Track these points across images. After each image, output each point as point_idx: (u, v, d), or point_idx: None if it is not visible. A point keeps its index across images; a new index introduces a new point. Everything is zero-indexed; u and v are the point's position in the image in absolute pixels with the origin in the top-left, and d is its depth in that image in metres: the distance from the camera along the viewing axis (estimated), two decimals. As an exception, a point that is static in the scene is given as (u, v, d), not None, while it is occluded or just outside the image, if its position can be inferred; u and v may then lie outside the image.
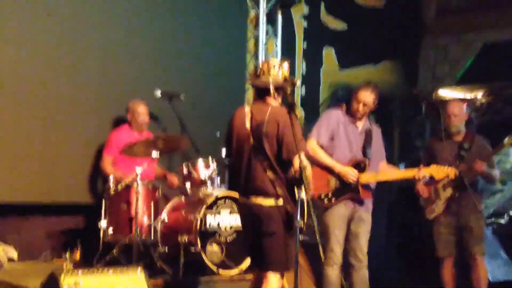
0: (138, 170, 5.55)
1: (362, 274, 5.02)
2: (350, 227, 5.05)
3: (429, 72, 9.84)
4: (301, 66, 8.76)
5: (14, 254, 5.91)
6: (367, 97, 5.01)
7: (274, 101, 4.21)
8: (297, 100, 8.60)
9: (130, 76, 6.66)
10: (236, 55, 7.89)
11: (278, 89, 4.14)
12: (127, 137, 6.00)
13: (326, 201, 5.00)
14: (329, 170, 5.03)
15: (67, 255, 5.76)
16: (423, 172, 5.11)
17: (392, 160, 6.40)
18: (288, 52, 8.18)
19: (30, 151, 6.00)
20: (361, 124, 5.15)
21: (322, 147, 5.06)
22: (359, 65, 9.25)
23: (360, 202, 5.06)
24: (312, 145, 5.03)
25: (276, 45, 8.27)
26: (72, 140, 6.27)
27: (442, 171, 5.13)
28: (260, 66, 4.28)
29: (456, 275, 5.61)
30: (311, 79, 8.88)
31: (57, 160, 6.18)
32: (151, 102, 6.30)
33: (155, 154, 5.59)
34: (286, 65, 4.18)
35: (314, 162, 4.97)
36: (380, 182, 5.17)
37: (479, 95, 8.56)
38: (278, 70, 4.14)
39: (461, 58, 9.57)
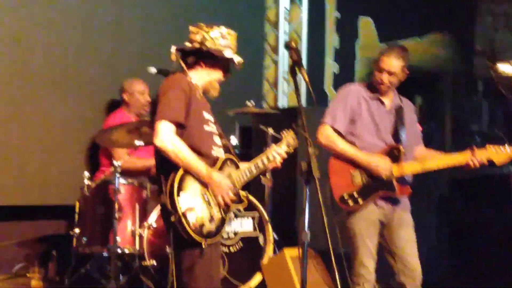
0: (116, 163, 4.47)
1: None
2: (388, 235, 4.14)
3: (486, 43, 8.80)
4: (332, 39, 7.96)
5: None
6: (393, 63, 4.05)
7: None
8: (329, 78, 7.82)
9: (122, 54, 5.73)
10: (253, 25, 6.90)
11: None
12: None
13: (350, 202, 4.05)
14: (352, 162, 4.07)
15: (34, 271, 4.87)
16: (478, 156, 4.05)
17: (443, 148, 6.00)
18: (316, 23, 7.55)
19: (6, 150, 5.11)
20: (388, 100, 4.20)
21: (340, 133, 4.12)
22: (402, 38, 8.13)
23: (396, 201, 4.11)
24: (327, 132, 4.10)
25: (302, 14, 7.39)
26: (51, 132, 5.34)
27: (503, 153, 4.07)
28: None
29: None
30: (345, 55, 8.03)
31: (31, 157, 5.24)
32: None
33: (138, 142, 4.54)
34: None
35: (332, 153, 4.10)
36: (422, 173, 4.16)
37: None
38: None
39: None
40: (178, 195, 3.06)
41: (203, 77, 3.36)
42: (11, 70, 5.11)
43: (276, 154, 3.51)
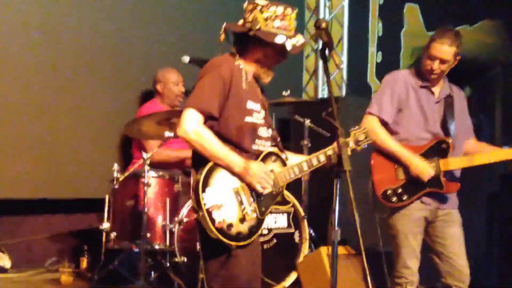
0: (145, 155, 4.28)
1: None
2: (434, 233, 3.88)
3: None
4: (376, 27, 7.61)
5: (6, 262, 4.86)
6: (445, 50, 3.74)
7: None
8: (372, 68, 7.47)
9: (153, 43, 5.53)
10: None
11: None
12: None
13: (394, 199, 3.81)
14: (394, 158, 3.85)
15: (65, 265, 4.71)
16: None
17: (493, 141, 5.77)
18: (359, 9, 7.17)
19: (30, 140, 4.94)
20: (438, 89, 3.92)
21: (386, 125, 3.87)
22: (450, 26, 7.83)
23: (443, 198, 3.85)
24: (372, 123, 3.82)
25: (343, 1, 7.07)
26: (83, 125, 5.19)
27: None
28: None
29: None
30: (390, 43, 7.64)
31: (63, 149, 5.10)
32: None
33: (168, 133, 4.33)
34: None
35: (375, 145, 3.84)
36: (471, 168, 3.89)
37: None
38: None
39: None
40: (203, 190, 2.79)
41: (253, 62, 3.00)
42: (43, 60, 4.97)
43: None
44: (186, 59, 5.00)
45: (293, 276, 4.45)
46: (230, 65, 2.94)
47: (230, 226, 2.80)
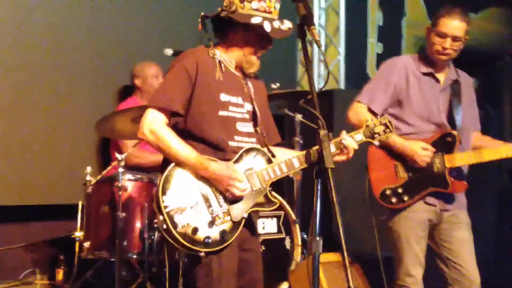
0: (119, 156, 3.95)
1: None
2: (439, 237, 3.56)
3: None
4: (375, 16, 7.38)
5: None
6: (457, 26, 3.42)
7: None
8: (372, 60, 7.22)
9: (134, 36, 5.17)
10: (285, 1, 6.11)
11: None
12: None
13: (394, 199, 3.48)
14: (395, 151, 3.49)
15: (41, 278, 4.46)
16: None
17: (501, 134, 5.86)
18: None
19: (2, 145, 4.60)
20: (443, 76, 3.59)
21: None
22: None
23: (449, 198, 3.53)
24: (360, 110, 3.53)
25: None
26: (58, 125, 4.82)
27: None
28: None
29: None
30: (390, 32, 7.43)
31: (37, 152, 4.73)
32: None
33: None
34: None
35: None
36: (479, 164, 3.56)
37: None
38: None
39: None
40: (164, 193, 2.57)
41: (235, 50, 2.78)
42: (12, 56, 4.60)
43: (349, 142, 2.77)
44: (169, 51, 4.71)
45: (284, 286, 4.15)
46: (197, 56, 2.74)
47: (195, 230, 2.56)
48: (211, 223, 2.58)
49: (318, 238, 2.11)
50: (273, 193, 2.77)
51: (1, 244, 4.77)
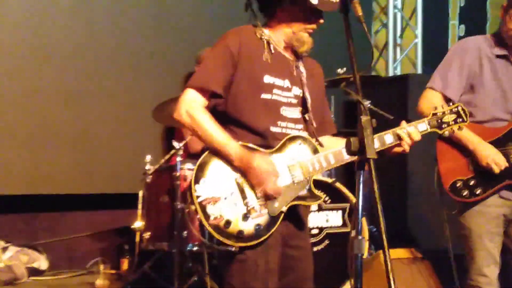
0: (177, 144, 3.81)
1: None
2: None
3: None
4: None
5: (43, 263, 4.50)
6: None
7: None
8: (453, 42, 6.76)
9: (199, 18, 5.02)
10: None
11: None
12: None
13: (465, 192, 3.16)
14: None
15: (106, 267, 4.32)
16: None
17: None
18: None
19: (63, 131, 4.58)
20: None
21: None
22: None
23: None
24: (433, 99, 3.19)
25: None
26: (123, 113, 4.79)
27: None
28: None
29: None
30: (474, 13, 6.92)
31: (102, 140, 4.72)
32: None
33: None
34: None
35: None
36: None
37: None
38: None
39: None
40: (197, 181, 2.36)
41: (283, 28, 2.54)
42: (74, 45, 4.59)
43: (409, 132, 2.50)
44: None
45: (349, 284, 3.84)
46: (242, 35, 2.52)
47: (228, 223, 2.34)
48: (246, 216, 2.36)
49: (360, 237, 1.87)
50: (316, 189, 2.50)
51: (68, 232, 4.82)
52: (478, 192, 3.10)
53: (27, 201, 4.51)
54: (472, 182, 3.12)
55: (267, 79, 2.48)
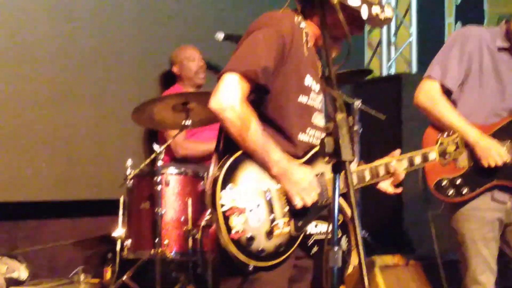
0: (157, 147, 3.68)
1: None
2: (511, 239, 3.10)
3: None
4: None
5: (22, 273, 4.32)
6: None
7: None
8: None
9: (185, 20, 4.90)
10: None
11: None
12: None
13: (451, 192, 3.00)
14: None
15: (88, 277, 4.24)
16: None
17: None
18: None
19: (46, 135, 4.40)
20: None
21: (449, 93, 3.07)
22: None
23: None
24: (431, 90, 3.04)
25: None
26: (107, 117, 4.60)
27: None
28: None
29: None
30: (470, 11, 6.84)
31: (84, 145, 4.53)
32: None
33: (187, 122, 3.69)
34: None
35: (432, 119, 3.06)
36: None
37: None
38: None
39: None
40: (224, 187, 2.06)
41: (318, 27, 2.28)
42: (57, 46, 4.40)
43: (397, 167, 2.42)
44: (220, 36, 4.44)
45: None
46: (291, 22, 2.20)
47: (251, 239, 2.07)
48: (269, 234, 2.10)
49: (336, 248, 1.70)
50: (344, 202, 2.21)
51: (49, 241, 4.65)
52: (464, 191, 2.95)
53: (5, 209, 4.35)
54: (458, 181, 2.97)
55: (308, 80, 2.23)
